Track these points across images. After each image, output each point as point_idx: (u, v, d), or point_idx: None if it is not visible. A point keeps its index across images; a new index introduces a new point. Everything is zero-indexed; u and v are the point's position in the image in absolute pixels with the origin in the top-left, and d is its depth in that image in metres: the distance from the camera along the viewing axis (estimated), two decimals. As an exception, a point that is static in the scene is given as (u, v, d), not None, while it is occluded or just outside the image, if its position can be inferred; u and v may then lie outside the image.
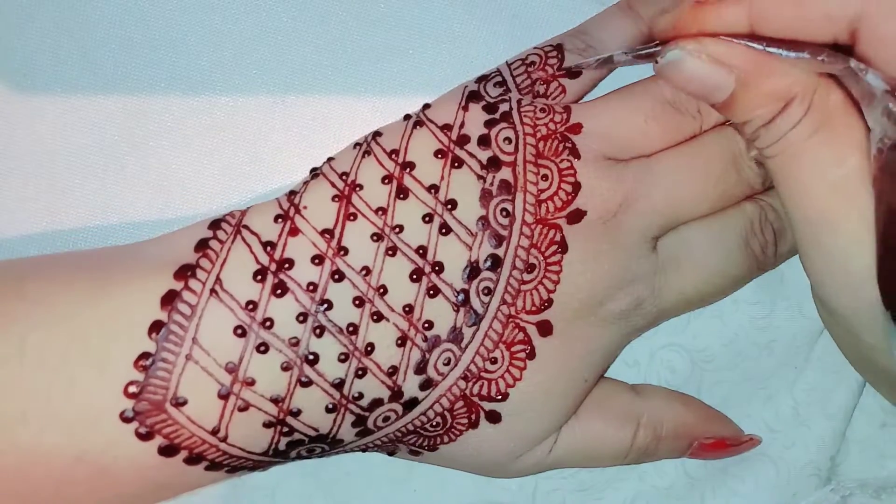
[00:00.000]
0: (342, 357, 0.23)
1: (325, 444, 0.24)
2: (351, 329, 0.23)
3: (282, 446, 0.24)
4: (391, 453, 0.26)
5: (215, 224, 0.24)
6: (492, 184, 0.25)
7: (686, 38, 0.22)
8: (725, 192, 0.26)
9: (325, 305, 0.23)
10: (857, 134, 0.22)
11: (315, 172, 0.25)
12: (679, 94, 0.27)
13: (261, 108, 0.30)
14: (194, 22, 0.30)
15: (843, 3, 0.20)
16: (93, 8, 0.30)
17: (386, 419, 0.24)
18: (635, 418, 0.27)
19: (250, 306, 0.23)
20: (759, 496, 0.30)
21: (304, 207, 0.24)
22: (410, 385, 0.24)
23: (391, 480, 0.30)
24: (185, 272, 0.23)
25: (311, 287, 0.23)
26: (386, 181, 0.25)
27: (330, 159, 0.26)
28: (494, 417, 0.25)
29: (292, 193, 0.25)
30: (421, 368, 0.24)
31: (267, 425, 0.23)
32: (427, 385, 0.24)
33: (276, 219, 0.24)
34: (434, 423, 0.25)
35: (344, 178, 0.25)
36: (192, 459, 0.23)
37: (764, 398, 0.30)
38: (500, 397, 0.25)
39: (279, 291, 0.23)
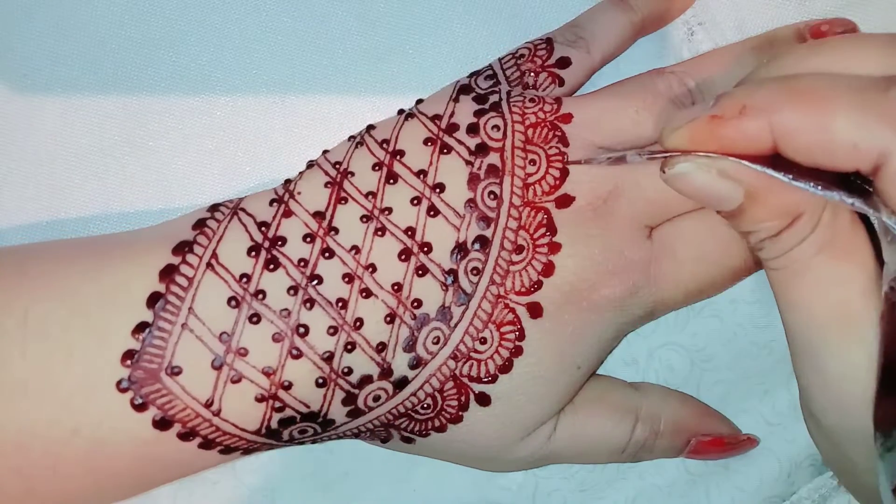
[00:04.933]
0: (331, 330, 0.24)
1: (316, 423, 0.24)
2: (340, 304, 0.24)
3: (274, 424, 0.24)
4: (384, 440, 0.26)
5: (213, 207, 0.25)
6: (479, 168, 0.25)
7: (698, 153, 0.21)
8: None
9: (316, 280, 0.24)
10: (865, 257, 0.21)
11: (310, 163, 0.26)
12: (672, 86, 0.27)
13: (261, 108, 0.30)
14: (194, 22, 0.30)
15: (872, 136, 0.19)
16: (92, 8, 0.30)
17: (377, 399, 0.25)
18: (634, 412, 0.27)
19: (244, 279, 0.24)
20: (762, 490, 0.30)
21: (299, 193, 0.25)
22: (400, 362, 0.24)
23: (391, 480, 0.30)
24: (183, 248, 0.24)
25: (301, 263, 0.24)
26: (376, 168, 0.25)
27: (325, 152, 0.27)
28: (484, 400, 0.25)
29: (288, 182, 0.26)
30: (410, 346, 0.24)
31: (259, 399, 0.23)
32: (416, 364, 0.24)
33: (271, 203, 0.25)
34: (425, 405, 0.25)
35: (337, 166, 0.26)
36: (186, 435, 0.23)
37: (761, 393, 0.30)
38: (488, 379, 0.25)
39: (272, 266, 0.24)
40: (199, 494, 0.29)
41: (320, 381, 0.24)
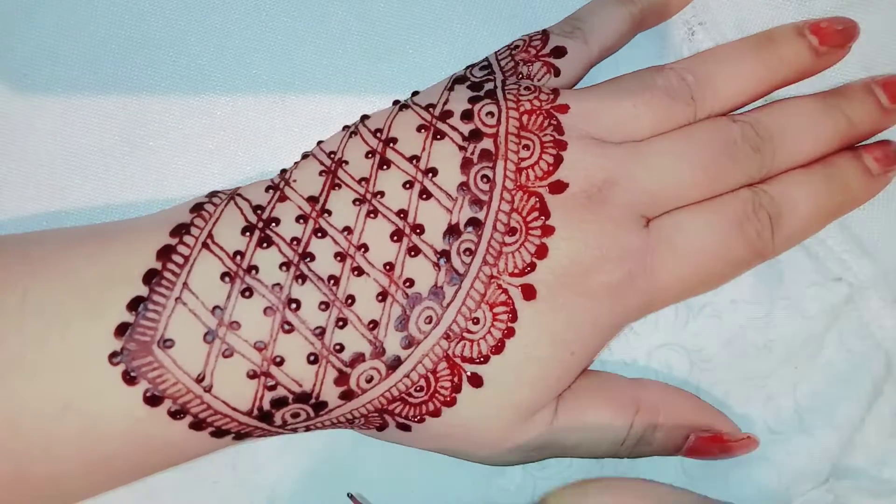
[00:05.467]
0: (323, 306, 0.24)
1: (308, 405, 0.24)
2: (332, 280, 0.24)
3: (266, 405, 0.24)
4: (380, 428, 0.26)
5: (212, 193, 0.26)
6: (473, 153, 0.25)
7: None
8: (717, 178, 0.27)
9: (308, 257, 0.24)
10: None
11: (306, 154, 0.27)
12: (671, 81, 0.27)
13: (261, 108, 0.30)
14: (194, 22, 0.30)
15: None
16: (93, 8, 0.30)
17: (369, 379, 0.25)
18: (634, 403, 0.27)
19: (238, 256, 0.24)
20: (759, 501, 0.30)
21: (294, 180, 0.26)
22: (392, 342, 0.24)
23: (391, 480, 0.30)
24: (180, 230, 0.24)
25: (294, 241, 0.25)
26: (369, 156, 0.26)
27: (320, 142, 0.27)
28: (477, 381, 0.25)
29: (284, 171, 0.27)
30: (402, 325, 0.24)
31: (251, 376, 0.24)
32: (409, 343, 0.25)
33: (267, 189, 0.26)
34: (418, 387, 0.25)
35: (332, 156, 0.26)
36: (177, 412, 0.23)
37: (763, 398, 0.30)
38: (481, 359, 0.25)
39: (265, 244, 0.24)
40: (200, 494, 0.29)
41: (312, 357, 0.24)
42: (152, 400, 0.23)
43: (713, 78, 0.28)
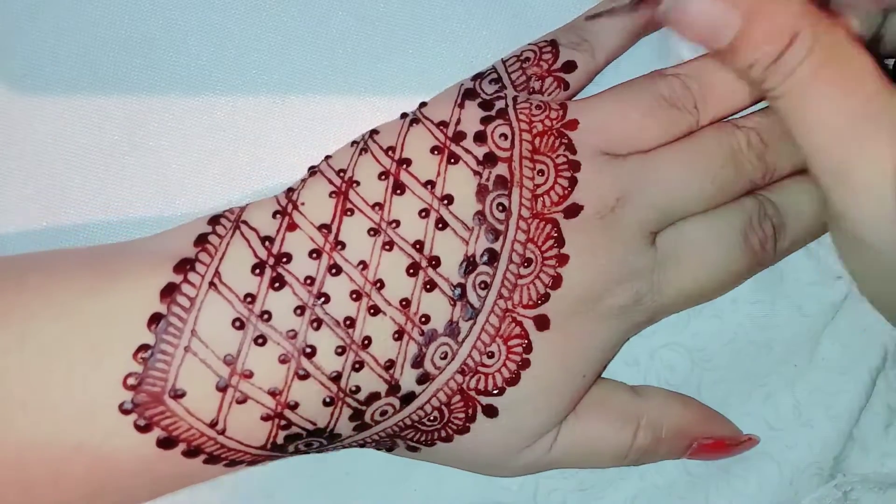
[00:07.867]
0: (339, 350, 0.23)
1: (322, 437, 0.24)
2: (348, 322, 0.24)
3: (280, 440, 0.24)
4: (389, 449, 0.26)
5: (214, 220, 0.25)
6: (488, 179, 0.25)
7: None
8: (724, 187, 0.27)
9: (323, 299, 0.23)
10: (866, 64, 0.22)
11: (313, 170, 0.26)
12: (675, 90, 0.27)
13: (261, 108, 0.30)
14: (194, 22, 0.30)
15: None
16: (93, 8, 0.30)
17: (383, 413, 0.24)
18: (636, 418, 0.27)
19: (248, 299, 0.23)
20: (762, 496, 0.30)
21: (302, 203, 0.25)
22: (407, 379, 0.24)
23: (391, 480, 0.30)
24: (185, 266, 0.23)
25: (308, 281, 0.24)
26: (382, 177, 0.25)
27: (327, 157, 0.26)
28: (491, 412, 0.25)
29: (290, 190, 0.25)
30: (418, 362, 0.24)
31: (265, 418, 0.23)
32: (424, 379, 0.24)
33: (274, 215, 0.24)
34: (432, 418, 0.25)
35: (341, 174, 0.25)
36: (191, 452, 0.23)
37: (763, 396, 0.30)
38: (496, 392, 0.25)
39: (277, 285, 0.23)
40: (200, 494, 0.29)
41: (328, 400, 0.23)
42: (166, 444, 0.23)
43: (716, 83, 0.27)
